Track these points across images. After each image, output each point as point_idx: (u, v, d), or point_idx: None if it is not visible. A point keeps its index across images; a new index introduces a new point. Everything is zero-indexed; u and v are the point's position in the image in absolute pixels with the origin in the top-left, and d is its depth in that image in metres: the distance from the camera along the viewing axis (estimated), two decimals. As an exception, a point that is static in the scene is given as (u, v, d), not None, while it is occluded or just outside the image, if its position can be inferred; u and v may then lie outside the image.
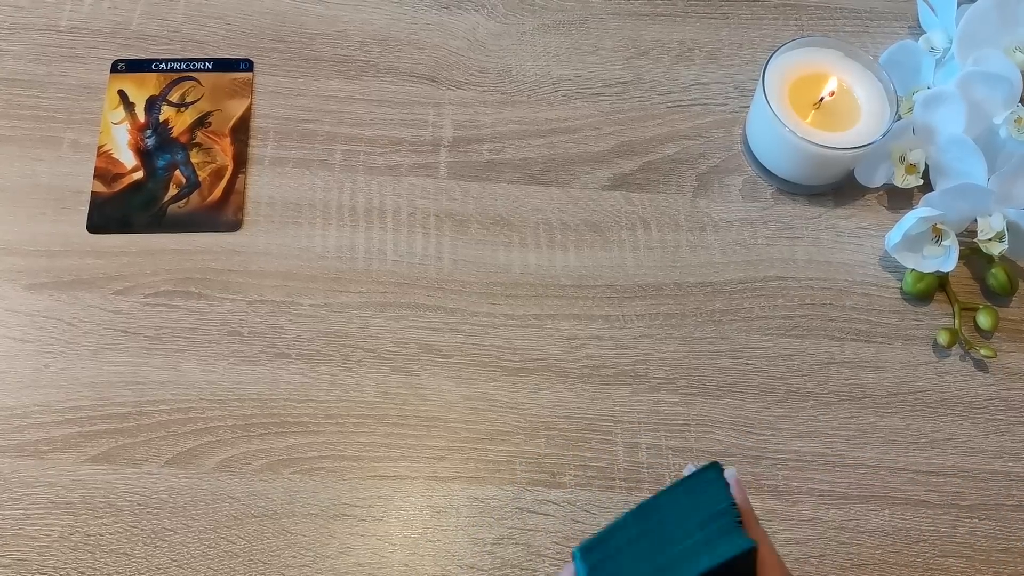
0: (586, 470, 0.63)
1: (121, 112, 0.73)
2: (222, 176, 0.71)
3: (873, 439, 0.65)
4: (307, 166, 0.72)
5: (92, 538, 0.59)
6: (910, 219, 0.67)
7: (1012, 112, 0.67)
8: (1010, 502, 0.63)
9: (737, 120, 0.76)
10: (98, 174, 0.71)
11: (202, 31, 0.77)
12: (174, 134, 0.73)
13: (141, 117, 0.73)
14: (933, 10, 0.77)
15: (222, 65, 0.76)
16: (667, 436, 0.64)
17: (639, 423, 0.64)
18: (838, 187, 0.73)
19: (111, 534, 0.60)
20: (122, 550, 0.59)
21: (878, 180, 0.72)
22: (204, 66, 0.76)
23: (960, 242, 0.68)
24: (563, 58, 0.78)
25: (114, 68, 0.75)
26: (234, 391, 0.64)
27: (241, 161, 0.72)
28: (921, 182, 0.71)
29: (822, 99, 0.71)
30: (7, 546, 0.59)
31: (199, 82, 0.75)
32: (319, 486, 0.61)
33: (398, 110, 0.75)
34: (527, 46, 0.78)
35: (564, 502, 0.62)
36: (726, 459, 0.64)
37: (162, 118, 0.73)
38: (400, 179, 0.72)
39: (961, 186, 0.67)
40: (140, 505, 0.60)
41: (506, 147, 0.74)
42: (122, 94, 0.74)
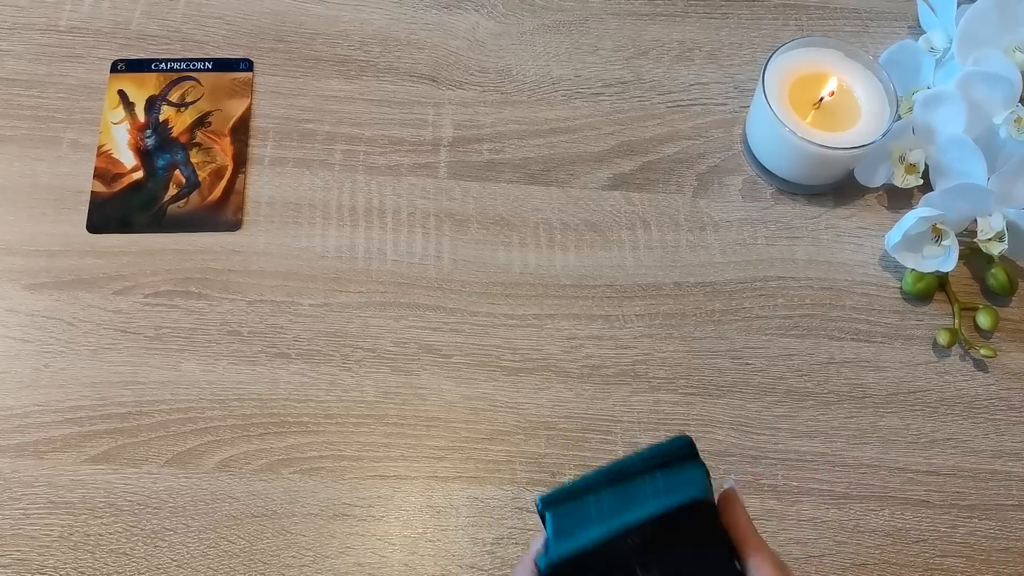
0: (586, 470, 0.63)
1: (121, 112, 0.73)
2: (222, 176, 0.71)
3: (873, 439, 0.65)
4: (307, 166, 0.72)
5: (92, 538, 0.59)
6: (910, 219, 0.67)
7: (1012, 112, 0.67)
8: (1010, 502, 0.63)
9: (737, 120, 0.76)
10: (98, 174, 0.71)
11: (202, 31, 0.77)
12: (174, 134, 0.73)
13: (141, 117, 0.73)
14: (933, 10, 0.77)
15: (222, 65, 0.76)
16: (667, 436, 0.64)
17: (639, 423, 0.64)
18: (838, 187, 0.73)
19: (111, 534, 0.60)
20: (122, 550, 0.59)
21: (878, 180, 0.72)
22: (204, 66, 0.76)
23: (960, 242, 0.68)
24: (563, 58, 0.78)
25: (114, 68, 0.75)
26: (234, 391, 0.64)
27: (241, 161, 0.72)
28: (921, 182, 0.71)
29: (822, 99, 0.71)
30: (7, 546, 0.59)
31: (199, 82, 0.75)
32: (319, 486, 0.61)
33: (398, 110, 0.75)
34: (527, 46, 0.78)
35: (564, 502, 0.62)
36: (726, 459, 0.64)
37: (162, 118, 0.73)
38: (400, 179, 0.72)
39: (961, 186, 0.67)
40: (140, 505, 0.60)
41: (506, 147, 0.74)
42: (122, 94, 0.74)
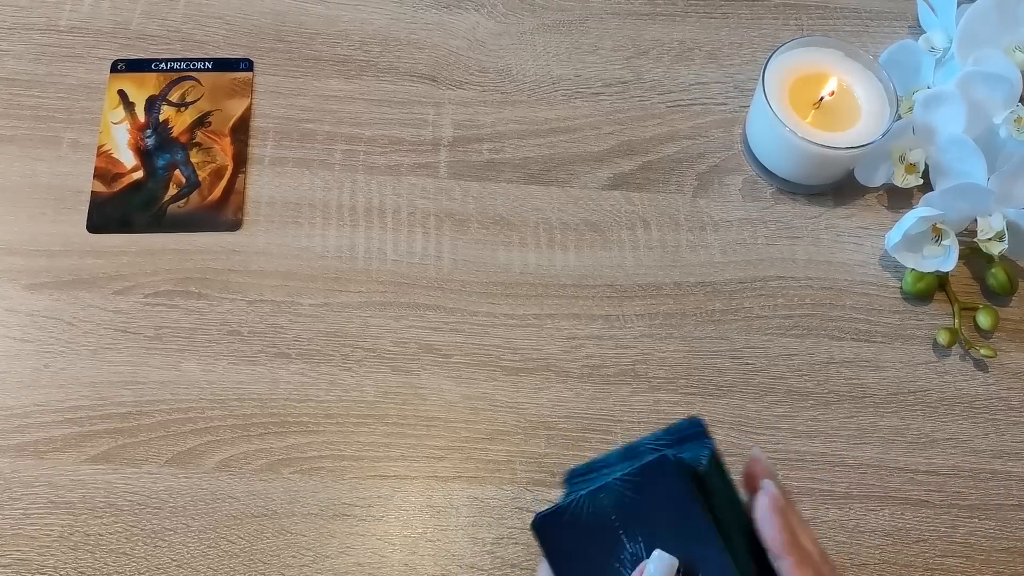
0: (586, 470, 0.63)
1: (121, 112, 0.73)
2: (222, 176, 0.71)
3: (873, 439, 0.65)
4: (307, 166, 0.72)
5: (92, 538, 0.59)
6: (910, 219, 0.67)
7: (1012, 112, 0.67)
8: (1010, 502, 0.63)
9: (737, 120, 0.76)
10: (98, 174, 0.71)
11: (202, 31, 0.77)
12: (174, 134, 0.73)
13: (141, 117, 0.73)
14: (933, 10, 0.77)
15: (222, 65, 0.76)
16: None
17: (639, 423, 0.64)
18: (838, 187, 0.73)
19: (111, 534, 0.60)
20: (122, 550, 0.59)
21: (878, 180, 0.72)
22: (204, 66, 0.76)
23: (960, 242, 0.68)
24: (563, 58, 0.78)
25: (114, 68, 0.75)
26: (234, 391, 0.64)
27: (241, 161, 0.72)
28: (921, 182, 0.71)
29: (822, 99, 0.71)
30: (7, 546, 0.59)
31: (199, 82, 0.75)
32: (319, 486, 0.61)
33: (398, 110, 0.75)
34: (527, 46, 0.78)
35: (564, 502, 0.62)
36: (726, 459, 0.63)
37: (162, 118, 0.73)
38: (400, 179, 0.72)
39: (961, 186, 0.67)
40: (140, 505, 0.60)
41: (506, 147, 0.74)
42: (122, 94, 0.74)
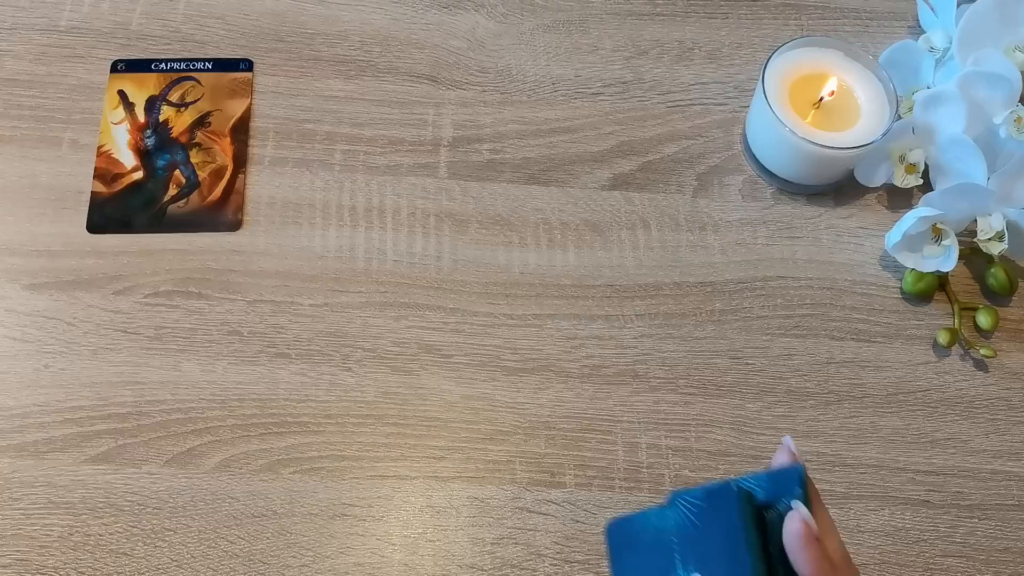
0: (586, 470, 0.63)
1: (121, 112, 0.73)
2: (222, 176, 0.71)
3: (873, 439, 0.65)
4: (307, 166, 0.72)
5: (92, 538, 0.59)
6: (910, 219, 0.67)
7: (1012, 112, 0.67)
8: (1010, 502, 0.63)
9: (737, 120, 0.76)
10: (98, 174, 0.71)
11: (202, 31, 0.77)
12: (174, 134, 0.73)
13: (141, 117, 0.73)
14: (933, 10, 0.77)
15: (222, 65, 0.76)
16: (667, 436, 0.64)
17: (639, 423, 0.64)
18: (838, 187, 0.73)
19: (111, 534, 0.60)
20: (122, 550, 0.59)
21: (878, 180, 0.72)
22: (204, 66, 0.76)
23: (960, 242, 0.68)
24: (563, 58, 0.78)
25: (114, 68, 0.75)
26: (234, 391, 0.64)
27: (241, 161, 0.72)
28: (921, 182, 0.71)
29: (822, 99, 0.71)
30: (7, 546, 0.59)
31: (199, 82, 0.75)
32: (319, 486, 0.61)
33: (398, 110, 0.75)
34: (527, 46, 0.78)
35: (564, 502, 0.62)
36: (726, 459, 0.64)
37: (162, 118, 0.73)
38: (400, 179, 0.72)
39: (961, 186, 0.67)
40: (140, 505, 0.60)
41: (506, 147, 0.74)
42: (122, 94, 0.74)
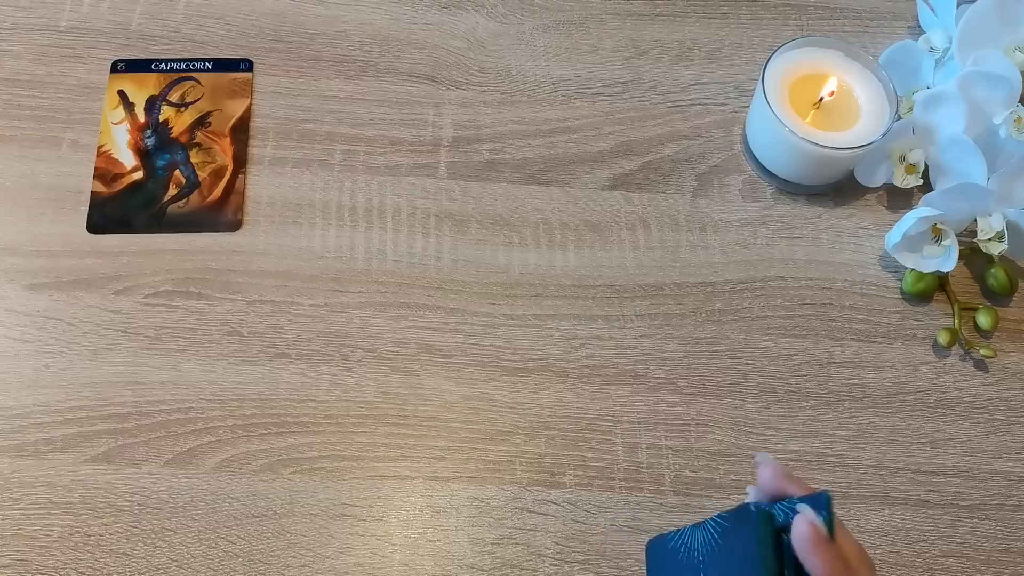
0: (586, 470, 0.63)
1: (121, 112, 0.73)
2: (222, 176, 0.71)
3: (873, 439, 0.65)
4: (307, 166, 0.72)
5: (92, 538, 0.59)
6: (910, 219, 0.67)
7: (1012, 112, 0.67)
8: (1010, 502, 0.63)
9: (737, 120, 0.76)
10: (98, 174, 0.71)
11: (202, 31, 0.77)
12: (174, 134, 0.73)
13: (141, 117, 0.73)
14: (933, 10, 0.77)
15: (222, 65, 0.76)
16: (667, 436, 0.64)
17: (639, 423, 0.64)
18: (838, 187, 0.73)
19: (111, 534, 0.60)
20: (122, 550, 0.59)
21: (878, 180, 0.72)
22: (204, 66, 0.76)
23: (960, 242, 0.68)
24: (563, 58, 0.78)
25: (114, 68, 0.75)
26: (234, 391, 0.64)
27: (241, 161, 0.72)
28: (921, 182, 0.71)
29: (822, 99, 0.71)
30: (7, 546, 0.59)
31: (199, 82, 0.75)
32: (319, 486, 0.61)
33: (398, 110, 0.75)
34: (527, 46, 0.78)
35: (564, 502, 0.62)
36: (726, 459, 0.64)
37: (162, 118, 0.73)
38: (400, 179, 0.72)
39: (961, 186, 0.67)
40: (140, 505, 0.60)
41: (506, 147, 0.74)
42: (122, 94, 0.74)
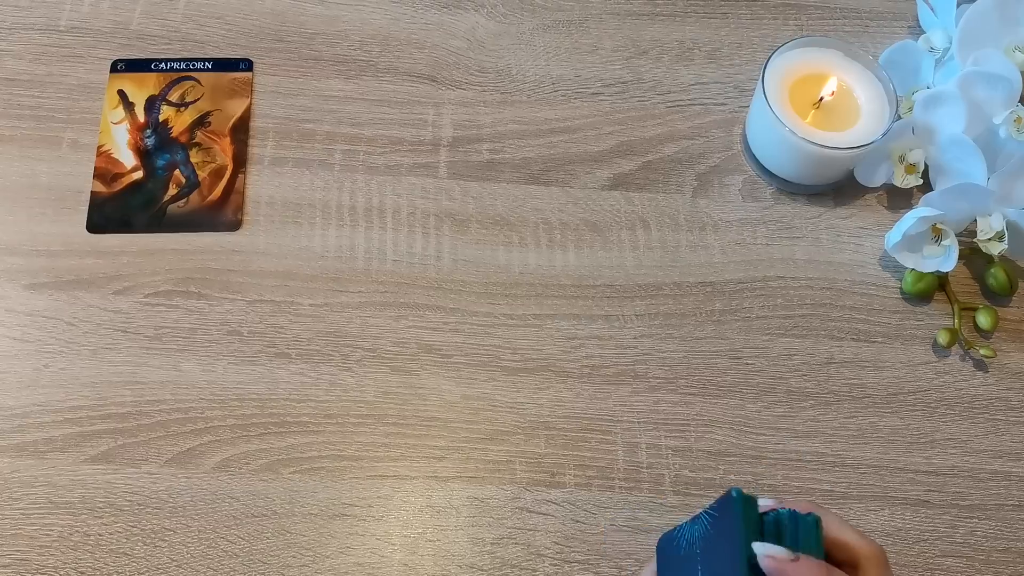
0: (586, 470, 0.63)
1: (121, 112, 0.73)
2: (222, 176, 0.71)
3: (873, 439, 0.65)
4: (307, 166, 0.72)
5: (92, 538, 0.59)
6: (910, 219, 0.67)
7: (1012, 112, 0.67)
8: (1010, 502, 0.63)
9: (737, 120, 0.76)
10: (98, 174, 0.71)
11: (202, 31, 0.77)
12: (174, 134, 0.73)
13: (141, 117, 0.73)
14: (933, 10, 0.77)
15: (222, 65, 0.76)
16: (667, 436, 0.64)
17: (639, 423, 0.64)
18: (838, 187, 0.73)
19: (111, 534, 0.60)
20: (122, 550, 0.59)
21: (878, 180, 0.72)
22: (204, 66, 0.76)
23: (960, 242, 0.68)
24: (563, 58, 0.78)
25: (114, 68, 0.75)
26: (234, 391, 0.64)
27: (241, 161, 0.72)
28: (921, 182, 0.71)
29: (822, 99, 0.71)
30: (7, 546, 0.59)
31: (199, 82, 0.75)
32: (319, 486, 0.61)
33: (398, 110, 0.75)
34: (527, 46, 0.78)
35: (564, 502, 0.62)
36: (726, 459, 0.64)
37: (162, 118, 0.73)
38: (400, 179, 0.72)
39: (961, 186, 0.67)
40: (140, 505, 0.60)
41: (506, 147, 0.74)
42: (122, 94, 0.74)
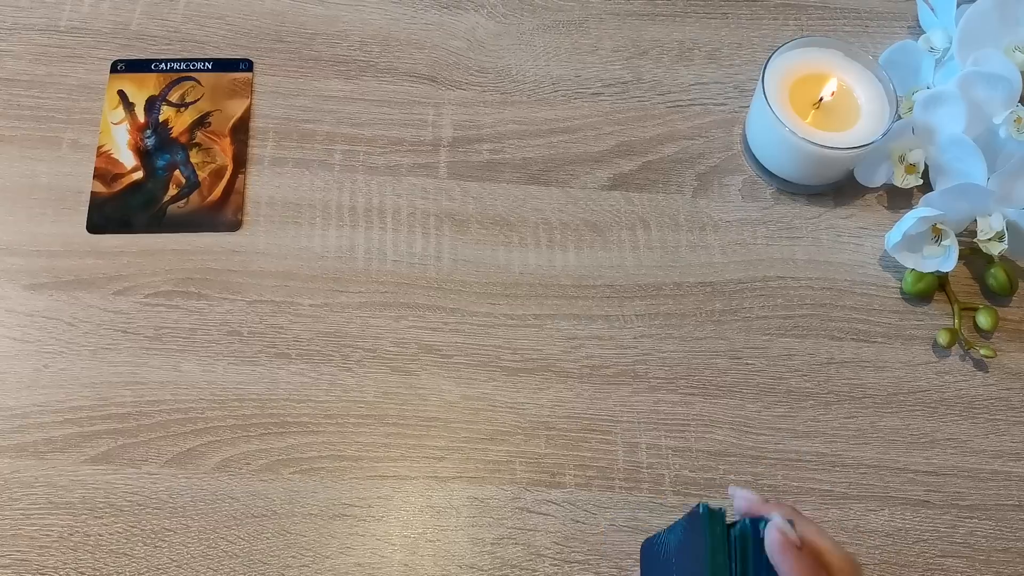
0: (586, 470, 0.63)
1: (121, 112, 0.73)
2: (222, 176, 0.71)
3: (873, 439, 0.65)
4: (307, 166, 0.72)
5: (92, 538, 0.59)
6: (910, 219, 0.67)
7: (1012, 112, 0.67)
8: (1010, 502, 0.63)
9: (737, 120, 0.76)
10: (98, 174, 0.71)
11: (202, 31, 0.77)
12: (174, 134, 0.73)
13: (141, 117, 0.73)
14: (933, 10, 0.77)
15: (222, 65, 0.76)
16: (667, 436, 0.64)
17: (639, 423, 0.64)
18: (838, 187, 0.73)
19: (111, 534, 0.60)
20: (122, 550, 0.59)
21: (878, 180, 0.72)
22: (204, 66, 0.76)
23: (960, 242, 0.68)
24: (563, 58, 0.78)
25: (114, 68, 0.75)
26: (234, 391, 0.64)
27: (241, 161, 0.72)
28: (921, 182, 0.71)
29: (822, 99, 0.71)
30: (7, 546, 0.59)
31: (199, 82, 0.75)
32: (319, 486, 0.61)
33: (398, 110, 0.75)
34: (527, 46, 0.78)
35: (564, 502, 0.62)
36: (726, 459, 0.64)
37: (162, 118, 0.73)
38: (400, 179, 0.72)
39: (961, 186, 0.67)
40: (140, 505, 0.60)
41: (506, 147, 0.74)
42: (122, 94, 0.74)
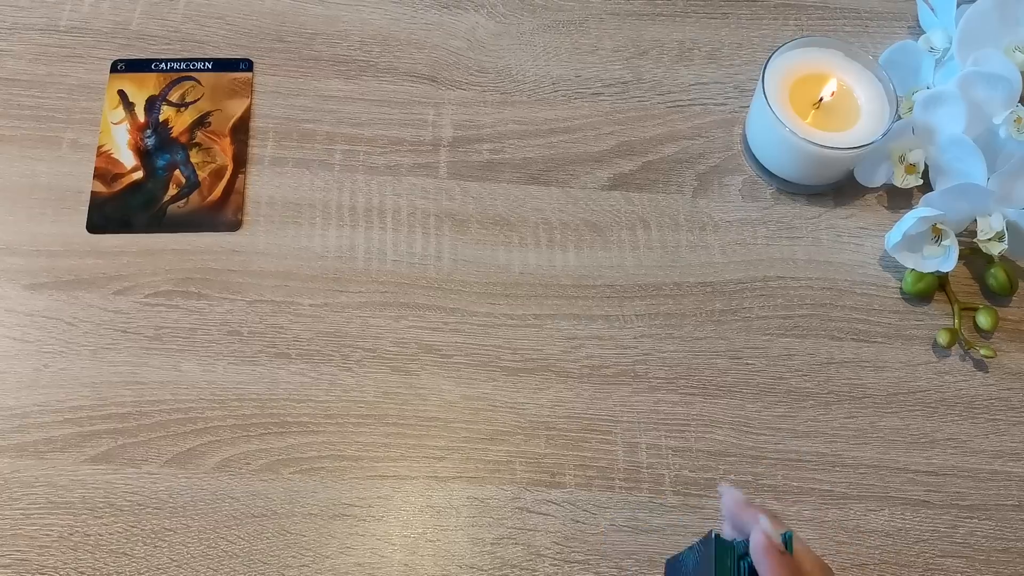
0: (586, 470, 0.63)
1: (121, 112, 0.73)
2: (222, 176, 0.71)
3: (873, 439, 0.65)
4: (307, 166, 0.72)
5: (92, 538, 0.59)
6: (910, 219, 0.67)
7: (1012, 112, 0.67)
8: (1010, 502, 0.63)
9: (737, 120, 0.76)
10: (98, 174, 0.71)
11: (202, 31, 0.77)
12: (174, 134, 0.73)
13: (141, 117, 0.73)
14: (933, 10, 0.77)
15: (222, 65, 0.76)
16: (667, 436, 0.64)
17: (639, 423, 0.64)
18: (838, 187, 0.73)
19: (111, 534, 0.60)
20: (122, 550, 0.59)
21: (878, 180, 0.72)
22: (204, 66, 0.76)
23: (960, 242, 0.68)
24: (563, 58, 0.78)
25: (114, 68, 0.75)
26: (234, 391, 0.64)
27: (241, 161, 0.72)
28: (921, 182, 0.71)
29: (822, 99, 0.71)
30: (7, 546, 0.59)
31: (199, 82, 0.75)
32: (319, 486, 0.61)
33: (398, 110, 0.75)
34: (527, 46, 0.78)
35: (564, 502, 0.62)
36: (726, 459, 0.64)
37: (162, 118, 0.73)
38: (400, 179, 0.72)
39: (961, 186, 0.67)
40: (140, 505, 0.60)
41: (506, 147, 0.74)
42: (122, 94, 0.74)
